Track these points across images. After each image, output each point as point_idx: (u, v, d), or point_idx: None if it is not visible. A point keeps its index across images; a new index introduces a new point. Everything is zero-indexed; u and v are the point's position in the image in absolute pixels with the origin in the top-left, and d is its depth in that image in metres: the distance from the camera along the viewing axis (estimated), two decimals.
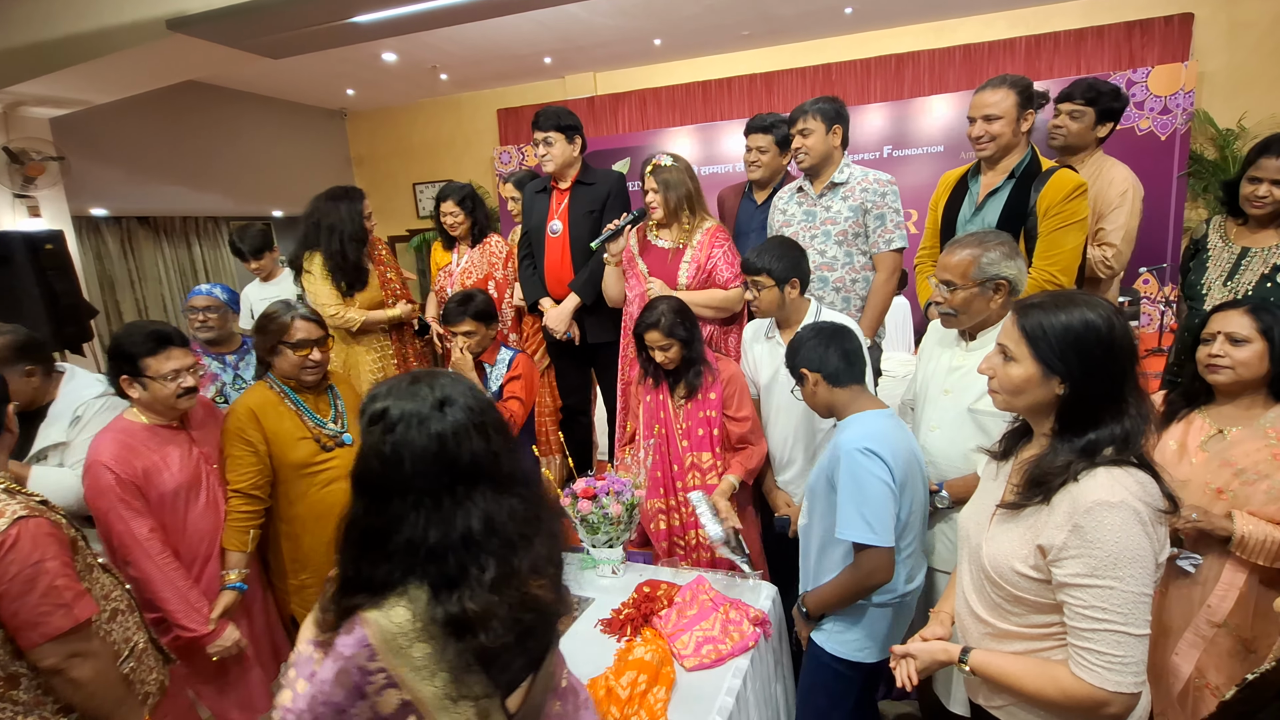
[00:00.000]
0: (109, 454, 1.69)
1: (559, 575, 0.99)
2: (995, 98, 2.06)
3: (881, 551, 1.49)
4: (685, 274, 2.41)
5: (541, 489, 1.01)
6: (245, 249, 3.34)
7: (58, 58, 3.68)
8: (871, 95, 5.98)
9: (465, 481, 0.89)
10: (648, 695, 1.47)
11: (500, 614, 0.87)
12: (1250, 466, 1.46)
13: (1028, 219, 2.06)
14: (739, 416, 2.11)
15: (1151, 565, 0.99)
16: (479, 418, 0.92)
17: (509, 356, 2.53)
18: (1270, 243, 1.95)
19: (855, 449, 1.50)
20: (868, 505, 1.48)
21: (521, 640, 0.91)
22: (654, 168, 2.40)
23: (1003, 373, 1.14)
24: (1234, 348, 1.47)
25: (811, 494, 1.69)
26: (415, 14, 3.40)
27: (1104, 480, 1.02)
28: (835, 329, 1.69)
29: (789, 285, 2.01)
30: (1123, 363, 1.06)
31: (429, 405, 0.90)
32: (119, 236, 6.00)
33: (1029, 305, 1.13)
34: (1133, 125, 5.08)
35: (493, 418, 0.94)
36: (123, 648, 1.42)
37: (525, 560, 0.91)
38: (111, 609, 1.41)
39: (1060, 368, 1.07)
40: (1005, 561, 1.11)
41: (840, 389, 1.64)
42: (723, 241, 2.42)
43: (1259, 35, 5.02)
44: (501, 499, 0.91)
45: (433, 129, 7.65)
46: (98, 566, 1.43)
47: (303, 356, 1.97)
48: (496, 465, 0.92)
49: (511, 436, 0.98)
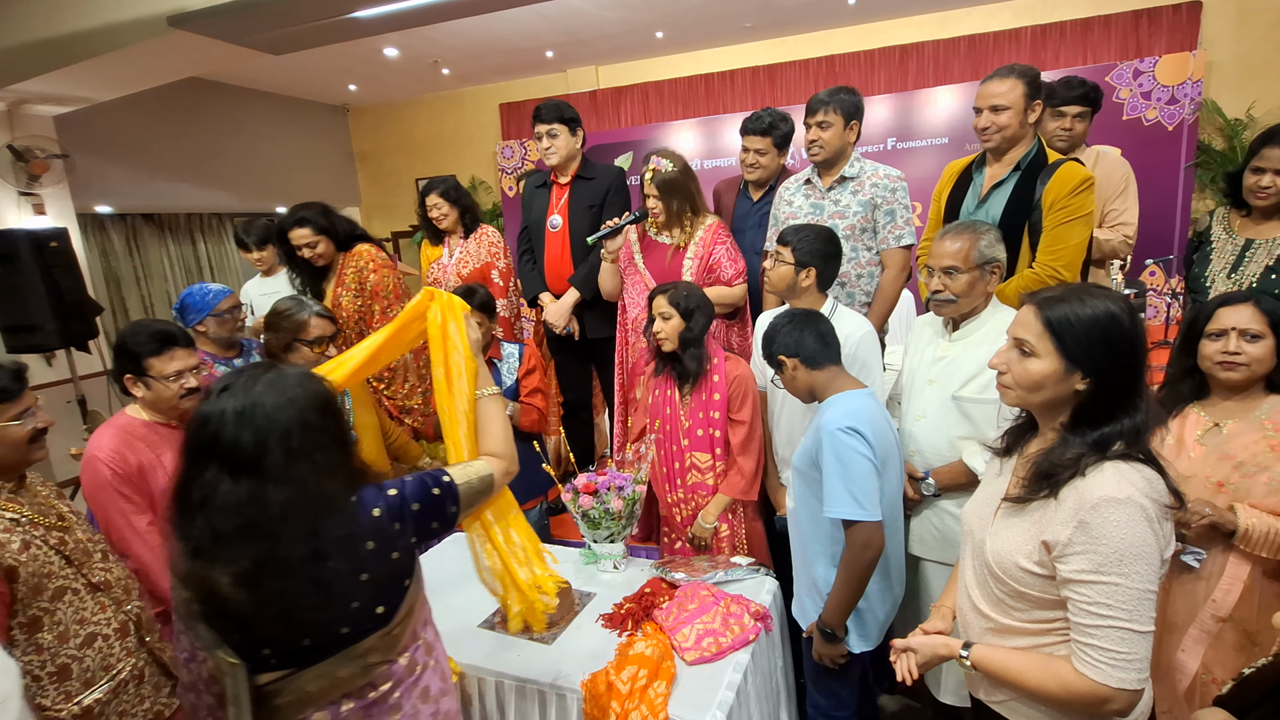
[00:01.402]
0: (106, 449, 1.69)
1: (280, 588, 0.96)
2: (1003, 88, 2.02)
3: (871, 525, 1.51)
4: (689, 271, 2.41)
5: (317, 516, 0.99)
6: (250, 240, 3.43)
7: (60, 55, 3.69)
8: (875, 87, 5.94)
9: (230, 464, 0.96)
10: (648, 690, 1.47)
11: (190, 584, 0.96)
12: (1249, 459, 1.45)
13: (1032, 212, 2.03)
14: (738, 418, 2.09)
15: (1157, 562, 0.99)
16: (265, 414, 0.98)
17: (516, 350, 2.51)
18: (1274, 234, 1.93)
19: (837, 428, 1.53)
20: (854, 482, 1.50)
21: (216, 620, 0.97)
22: (652, 173, 2.40)
23: (1020, 368, 1.12)
24: (1249, 344, 1.44)
25: (798, 476, 1.71)
26: (416, 8, 3.39)
27: (1111, 476, 1.01)
28: (806, 313, 1.73)
29: (804, 271, 1.98)
30: (1141, 357, 1.06)
31: (231, 393, 0.99)
32: (124, 233, 6.03)
33: (1050, 299, 1.10)
34: (1140, 115, 5.04)
35: (286, 418, 0.98)
36: (98, 676, 1.37)
37: (225, 552, 0.94)
38: (88, 634, 1.37)
39: (1086, 363, 1.05)
40: (1009, 557, 1.10)
41: (819, 370, 1.67)
42: (724, 238, 2.42)
43: (1268, 24, 4.96)
44: (244, 488, 0.95)
45: (435, 124, 7.64)
46: (85, 588, 1.38)
47: (319, 353, 1.99)
48: (261, 458, 0.96)
49: (309, 442, 1.00)
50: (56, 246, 3.79)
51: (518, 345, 2.53)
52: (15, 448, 1.32)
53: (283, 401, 0.99)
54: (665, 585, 1.87)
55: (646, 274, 2.50)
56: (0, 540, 1.27)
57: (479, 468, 1.26)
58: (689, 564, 1.99)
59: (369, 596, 1.04)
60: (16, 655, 1.26)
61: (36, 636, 1.30)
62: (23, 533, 1.31)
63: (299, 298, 2.12)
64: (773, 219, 2.54)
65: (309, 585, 0.97)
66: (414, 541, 1.11)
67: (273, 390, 0.99)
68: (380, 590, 1.05)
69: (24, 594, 1.28)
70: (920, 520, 1.84)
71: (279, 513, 0.95)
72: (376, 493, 1.08)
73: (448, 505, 1.16)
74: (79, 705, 1.34)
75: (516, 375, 2.45)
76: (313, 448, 0.99)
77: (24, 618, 1.29)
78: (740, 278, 2.44)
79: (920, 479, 1.79)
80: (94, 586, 1.41)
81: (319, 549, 0.97)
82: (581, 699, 1.52)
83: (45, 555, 1.33)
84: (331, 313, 2.05)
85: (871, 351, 1.98)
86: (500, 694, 1.63)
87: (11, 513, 1.32)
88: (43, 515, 1.39)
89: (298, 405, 1.00)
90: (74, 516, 1.48)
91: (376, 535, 1.04)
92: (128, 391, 1.78)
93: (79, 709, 1.34)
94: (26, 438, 1.34)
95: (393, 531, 1.06)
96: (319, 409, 1.03)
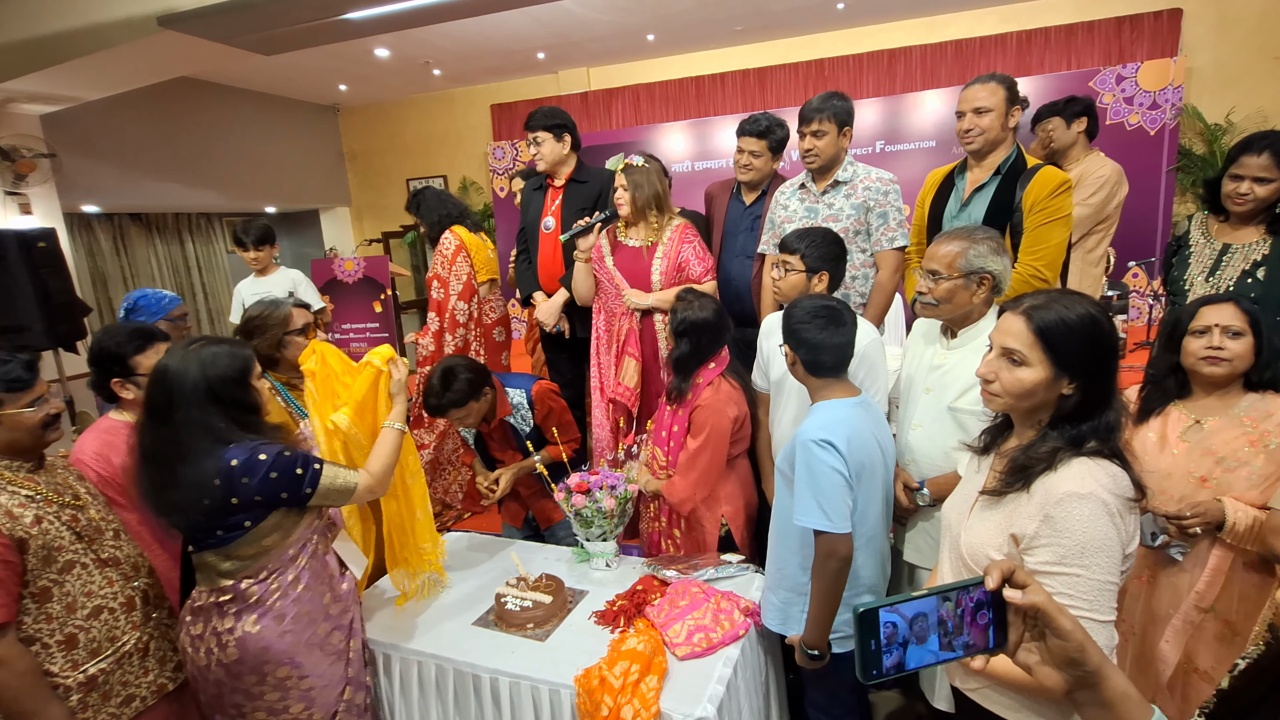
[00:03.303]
0: (90, 452, 1.72)
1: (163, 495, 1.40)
2: (985, 92, 2.10)
3: (836, 536, 1.52)
4: (658, 270, 2.43)
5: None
6: (249, 239, 3.46)
7: (48, 54, 3.67)
8: (864, 90, 6.01)
9: (146, 407, 1.43)
10: (640, 684, 1.50)
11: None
12: (1230, 454, 1.50)
13: (1013, 215, 2.09)
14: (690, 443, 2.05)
15: (1118, 555, 1.02)
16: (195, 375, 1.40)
17: (524, 398, 2.32)
18: (1251, 239, 1.98)
19: (811, 439, 1.53)
20: (822, 494, 1.51)
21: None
22: (625, 167, 2.42)
23: (1010, 377, 1.13)
24: (1232, 341, 1.50)
25: (779, 475, 1.72)
26: (407, 11, 3.41)
27: (1076, 471, 1.05)
28: (838, 315, 1.65)
29: (817, 276, 1.97)
30: (1118, 357, 1.10)
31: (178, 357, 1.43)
32: (111, 233, 5.99)
33: (1037, 307, 1.12)
34: (1122, 120, 5.13)
35: (187, 382, 1.39)
36: (103, 646, 1.45)
37: (137, 464, 1.41)
38: (94, 606, 1.44)
39: (1076, 368, 1.08)
40: (981, 549, 1.14)
41: (814, 379, 1.67)
42: (691, 238, 2.45)
43: (1247, 30, 5.06)
44: (147, 425, 1.42)
45: (426, 124, 7.63)
46: (93, 563, 1.45)
47: (312, 338, 2.05)
48: (158, 409, 1.40)
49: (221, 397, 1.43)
50: (44, 247, 3.76)
51: (524, 390, 2.34)
52: (30, 432, 1.45)
53: (191, 368, 1.40)
54: (657, 582, 1.89)
55: (617, 274, 2.52)
56: (14, 514, 1.35)
57: (349, 477, 1.55)
58: (680, 561, 2.02)
59: (207, 519, 1.41)
60: (28, 623, 1.36)
61: (46, 606, 1.38)
62: (36, 508, 1.39)
63: (273, 298, 2.16)
64: (769, 223, 2.56)
65: (171, 498, 1.39)
66: (257, 499, 1.41)
67: (190, 359, 1.41)
68: (215, 517, 1.41)
69: (34, 565, 1.36)
70: (916, 529, 1.85)
71: (156, 447, 1.40)
72: (244, 450, 1.40)
73: (304, 486, 1.46)
74: (84, 674, 1.41)
75: (533, 422, 2.34)
76: (194, 407, 1.39)
77: (35, 588, 1.36)
78: (709, 275, 2.46)
79: (915, 489, 1.79)
80: (103, 562, 1.48)
81: (176, 476, 1.38)
82: (575, 694, 1.54)
83: (56, 530, 1.41)
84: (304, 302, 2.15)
85: (877, 360, 1.97)
86: (495, 690, 1.65)
87: (27, 490, 1.41)
88: (58, 494, 1.46)
89: (203, 374, 1.40)
90: (90, 497, 1.54)
91: (224, 479, 1.38)
92: (111, 399, 1.80)
93: (84, 677, 1.41)
94: (40, 422, 1.46)
95: (238, 482, 1.38)
96: (221, 381, 1.42)
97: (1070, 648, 0.64)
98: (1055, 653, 0.66)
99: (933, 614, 0.64)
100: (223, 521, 1.42)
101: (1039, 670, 0.68)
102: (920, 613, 0.64)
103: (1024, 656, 0.68)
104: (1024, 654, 0.69)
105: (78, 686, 1.40)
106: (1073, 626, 0.65)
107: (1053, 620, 0.65)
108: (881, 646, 0.63)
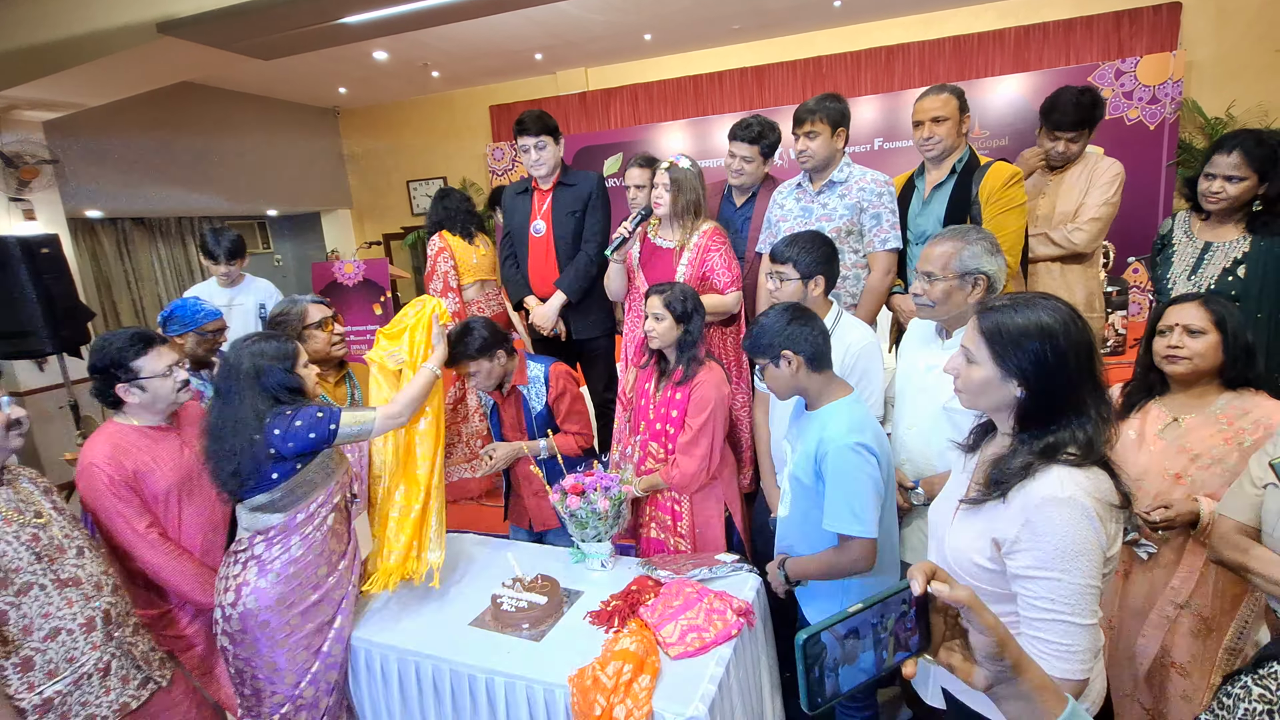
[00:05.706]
0: (101, 455, 1.73)
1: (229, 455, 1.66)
2: (939, 102, 2.31)
3: (867, 542, 1.54)
4: (682, 275, 2.42)
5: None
6: (220, 252, 3.16)
7: (49, 62, 3.70)
8: (862, 88, 5.99)
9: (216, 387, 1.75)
10: (633, 684, 1.52)
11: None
12: (1205, 452, 1.51)
13: (971, 207, 2.26)
14: (690, 423, 2.09)
15: (1099, 558, 1.03)
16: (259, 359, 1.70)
17: (542, 371, 2.35)
18: (1231, 237, 2.00)
19: (847, 445, 1.53)
20: (857, 499, 1.52)
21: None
22: (670, 166, 2.40)
23: (965, 374, 1.17)
24: (1191, 339, 1.51)
25: (796, 485, 1.71)
26: (405, 14, 3.43)
27: (1056, 476, 1.05)
28: (805, 310, 1.68)
29: (813, 282, 1.98)
30: (1079, 366, 1.07)
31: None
32: (114, 238, 6.03)
33: (989, 308, 1.15)
34: (1121, 115, 5.11)
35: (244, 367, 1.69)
36: (61, 668, 1.41)
37: (205, 428, 1.71)
38: (52, 628, 1.40)
39: (1018, 372, 1.09)
40: (965, 554, 1.15)
41: (818, 374, 1.65)
42: (720, 244, 2.41)
43: (1246, 23, 5.04)
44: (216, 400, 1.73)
45: (425, 126, 7.65)
46: (53, 584, 1.42)
47: (330, 332, 2.18)
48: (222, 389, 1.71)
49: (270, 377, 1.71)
50: (48, 253, 3.80)
51: (544, 366, 2.37)
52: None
53: (244, 356, 1.69)
54: (651, 583, 1.91)
55: (639, 274, 2.53)
56: None
57: (364, 416, 1.78)
58: (674, 562, 2.04)
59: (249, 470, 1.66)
60: None
61: (2, 630, 1.34)
62: None
63: (290, 297, 2.26)
64: (766, 221, 2.57)
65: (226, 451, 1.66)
66: (291, 446, 1.66)
67: (246, 350, 1.70)
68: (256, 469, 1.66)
69: None
70: (911, 529, 1.86)
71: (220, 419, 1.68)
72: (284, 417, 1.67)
73: (328, 424, 1.71)
74: (40, 695, 1.38)
75: (546, 401, 2.34)
76: (246, 388, 1.67)
77: None
78: (733, 286, 2.42)
79: (910, 488, 1.81)
80: (63, 582, 1.44)
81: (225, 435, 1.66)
82: (569, 694, 1.56)
83: (15, 551, 1.37)
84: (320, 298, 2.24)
85: (873, 362, 1.98)
86: (490, 690, 1.67)
87: None
88: (19, 512, 1.42)
89: (254, 362, 1.68)
90: (54, 513, 1.50)
91: (266, 434, 1.66)
92: (115, 405, 1.82)
93: (40, 699, 1.38)
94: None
95: (274, 437, 1.65)
96: (267, 368, 1.69)
97: (991, 643, 0.66)
98: (977, 649, 0.68)
99: (866, 627, 0.64)
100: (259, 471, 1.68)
101: (961, 668, 0.69)
102: (852, 629, 0.64)
103: (945, 656, 0.70)
104: (945, 653, 0.71)
105: (33, 709, 1.37)
106: (995, 621, 0.67)
107: (978, 615, 0.67)
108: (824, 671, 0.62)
